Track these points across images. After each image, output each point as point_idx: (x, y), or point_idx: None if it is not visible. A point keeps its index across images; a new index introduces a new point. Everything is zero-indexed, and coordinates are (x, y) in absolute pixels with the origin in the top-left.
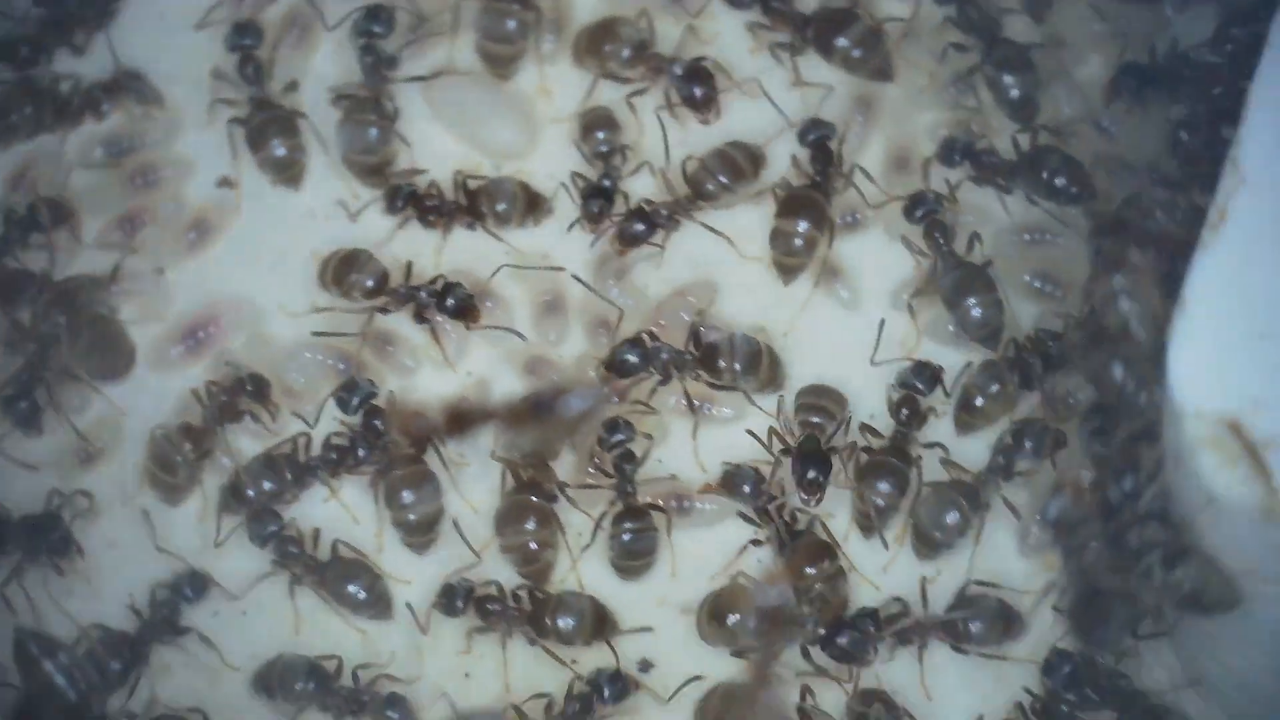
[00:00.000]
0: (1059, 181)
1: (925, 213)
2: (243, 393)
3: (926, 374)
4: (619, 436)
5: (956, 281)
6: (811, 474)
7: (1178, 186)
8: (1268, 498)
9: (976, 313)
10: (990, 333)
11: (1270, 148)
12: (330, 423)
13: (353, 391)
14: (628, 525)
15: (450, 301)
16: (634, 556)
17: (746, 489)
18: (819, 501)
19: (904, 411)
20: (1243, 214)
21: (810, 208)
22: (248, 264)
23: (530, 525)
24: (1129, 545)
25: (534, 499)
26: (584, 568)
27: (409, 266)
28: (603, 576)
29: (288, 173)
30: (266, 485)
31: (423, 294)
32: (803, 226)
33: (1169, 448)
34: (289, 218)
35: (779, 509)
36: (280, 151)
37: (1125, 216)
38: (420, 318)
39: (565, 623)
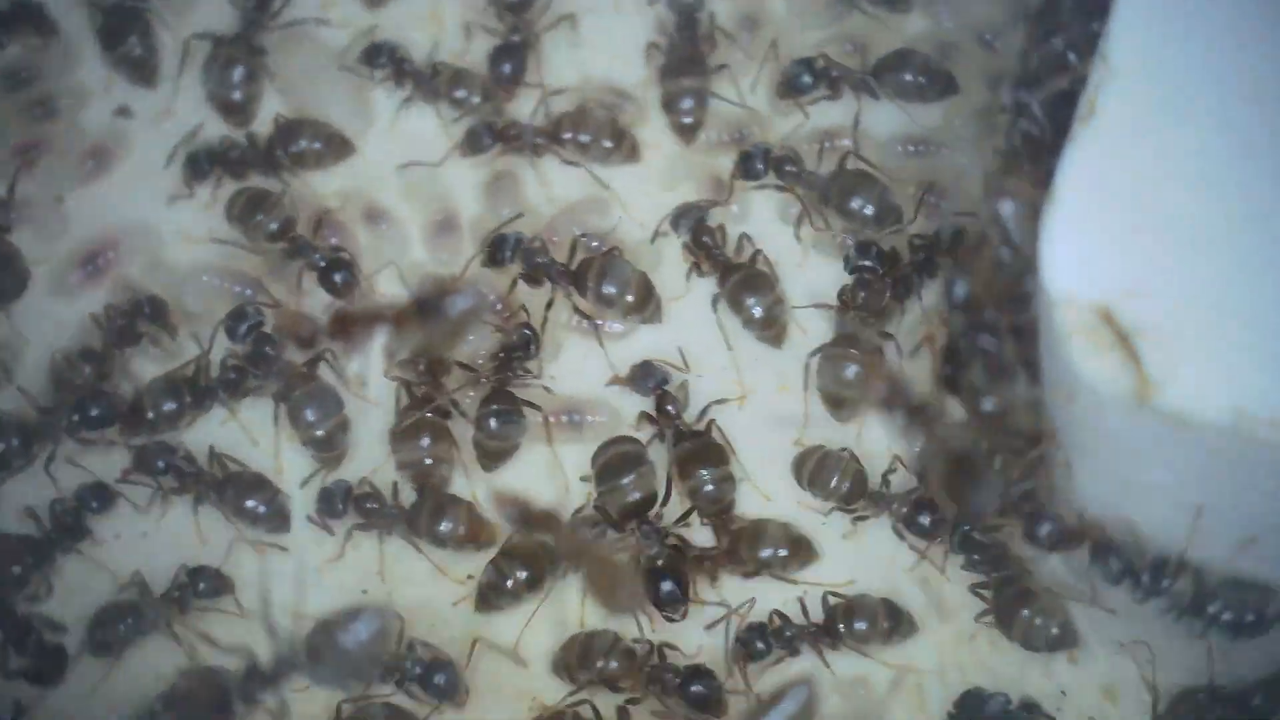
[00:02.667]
0: (922, 80)
1: (763, 157)
2: (141, 315)
3: (873, 251)
4: (526, 333)
5: (838, 190)
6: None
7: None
8: (1138, 383)
9: (869, 209)
10: (891, 216)
11: (1138, 41)
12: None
13: (240, 320)
14: (494, 407)
15: (336, 276)
16: (494, 437)
17: (650, 384)
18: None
19: (860, 294)
20: (1112, 107)
21: (691, 61)
22: (146, 191)
23: (425, 442)
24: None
25: (428, 415)
26: (480, 486)
27: (319, 221)
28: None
29: (141, 71)
30: (167, 406)
31: (316, 256)
32: (687, 82)
33: (1042, 337)
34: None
35: (678, 409)
36: (137, 50)
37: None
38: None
39: (445, 526)
